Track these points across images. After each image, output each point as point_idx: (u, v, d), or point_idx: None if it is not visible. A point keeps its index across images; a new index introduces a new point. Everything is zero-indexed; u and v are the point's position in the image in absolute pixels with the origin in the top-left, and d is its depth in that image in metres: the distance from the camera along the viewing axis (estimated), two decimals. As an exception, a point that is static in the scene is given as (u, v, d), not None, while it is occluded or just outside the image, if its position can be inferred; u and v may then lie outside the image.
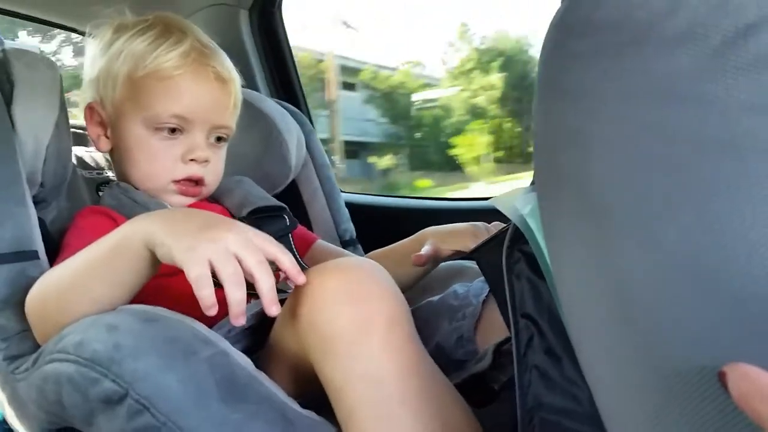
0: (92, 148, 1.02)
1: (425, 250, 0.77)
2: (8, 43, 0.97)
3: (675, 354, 0.29)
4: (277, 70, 1.33)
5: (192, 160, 0.78)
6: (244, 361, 0.53)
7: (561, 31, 0.35)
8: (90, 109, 0.82)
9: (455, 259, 0.83)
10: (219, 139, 0.83)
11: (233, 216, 0.87)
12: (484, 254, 0.58)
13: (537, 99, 0.36)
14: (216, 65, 0.80)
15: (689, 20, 0.29)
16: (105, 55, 0.80)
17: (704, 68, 0.28)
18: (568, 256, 0.36)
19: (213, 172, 0.82)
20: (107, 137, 0.82)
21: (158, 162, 0.78)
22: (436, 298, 0.77)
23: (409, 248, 0.84)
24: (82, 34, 1.41)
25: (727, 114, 0.28)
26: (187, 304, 0.66)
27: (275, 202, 0.91)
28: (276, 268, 0.82)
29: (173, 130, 0.78)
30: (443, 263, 0.87)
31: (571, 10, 0.34)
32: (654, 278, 0.30)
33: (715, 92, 0.28)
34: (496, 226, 0.80)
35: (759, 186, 0.27)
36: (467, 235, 0.80)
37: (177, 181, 0.79)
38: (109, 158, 0.99)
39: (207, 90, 0.79)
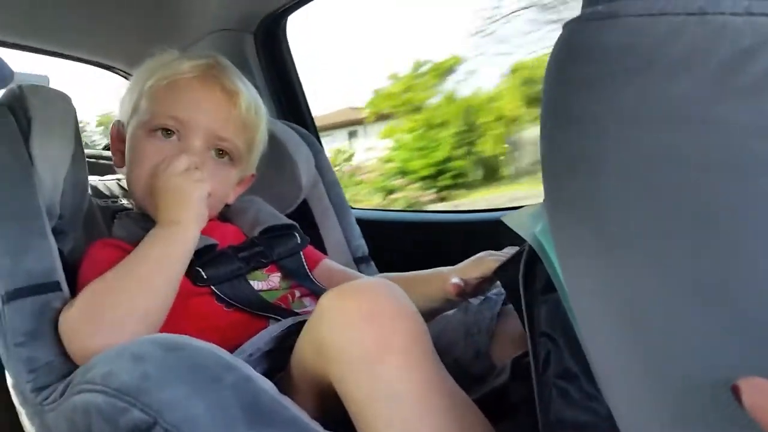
0: (106, 177, 1.04)
1: (455, 280, 0.76)
2: (20, 77, 1.00)
3: (687, 372, 0.30)
4: (284, 92, 1.35)
5: None
6: (267, 384, 0.54)
7: (565, 55, 0.36)
8: (114, 127, 0.85)
9: (483, 293, 0.80)
10: (221, 154, 0.81)
11: (246, 235, 0.88)
12: (507, 274, 0.59)
13: (542, 123, 0.37)
14: (224, 78, 0.80)
15: (690, 45, 0.29)
16: (134, 76, 0.84)
17: (706, 92, 0.29)
18: (579, 277, 0.37)
19: (213, 190, 0.77)
20: (123, 153, 0.83)
21: (147, 163, 0.77)
22: (450, 312, 0.78)
23: (426, 280, 0.83)
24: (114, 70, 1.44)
25: (731, 137, 0.28)
26: (204, 328, 0.67)
27: (286, 220, 0.92)
28: (289, 286, 0.83)
29: (168, 132, 0.78)
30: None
31: (574, 35, 0.35)
32: (663, 299, 0.30)
33: (718, 116, 0.29)
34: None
35: (766, 207, 0.27)
36: (487, 260, 0.79)
37: None
38: (123, 184, 1.01)
39: (210, 97, 0.79)
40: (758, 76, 0.28)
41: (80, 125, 0.85)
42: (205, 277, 0.75)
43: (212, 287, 0.75)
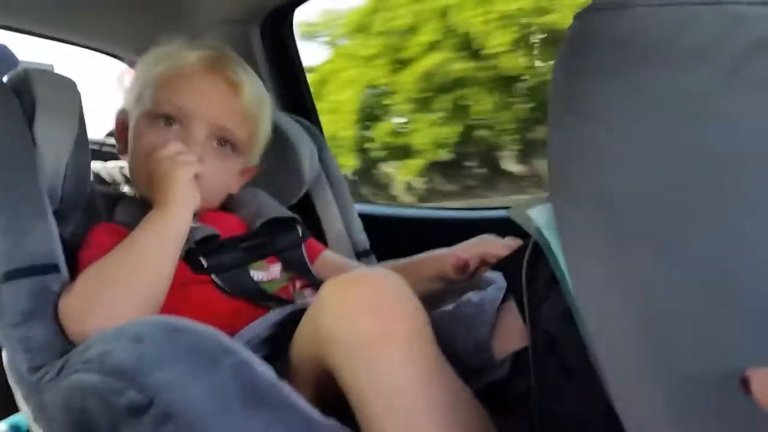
0: (109, 164, 1.04)
1: (459, 254, 0.80)
2: (25, 65, 0.99)
3: (698, 363, 0.30)
4: (289, 84, 1.35)
5: None
6: (266, 369, 0.54)
7: (576, 45, 0.35)
8: (119, 115, 0.86)
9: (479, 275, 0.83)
10: (223, 143, 0.81)
11: (247, 226, 0.88)
12: (509, 266, 0.59)
13: (550, 113, 0.37)
14: (229, 69, 0.80)
15: (702, 38, 0.29)
16: (139, 64, 0.84)
17: (717, 85, 0.29)
18: (587, 270, 0.36)
19: (209, 180, 0.77)
20: (127, 141, 0.83)
21: (146, 149, 0.76)
22: (450, 307, 0.78)
23: (424, 261, 0.85)
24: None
25: (741, 130, 0.28)
26: (204, 314, 0.67)
27: (288, 213, 0.92)
28: (289, 277, 0.83)
29: (169, 120, 0.78)
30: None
31: (585, 25, 0.35)
32: (674, 290, 0.30)
33: (729, 108, 0.28)
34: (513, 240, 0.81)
35: None
36: (488, 241, 0.81)
37: None
38: (126, 172, 1.01)
39: (213, 87, 0.79)
40: None
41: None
42: (205, 265, 0.75)
43: (212, 276, 0.75)
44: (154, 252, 0.68)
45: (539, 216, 0.53)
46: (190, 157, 0.75)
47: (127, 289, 0.65)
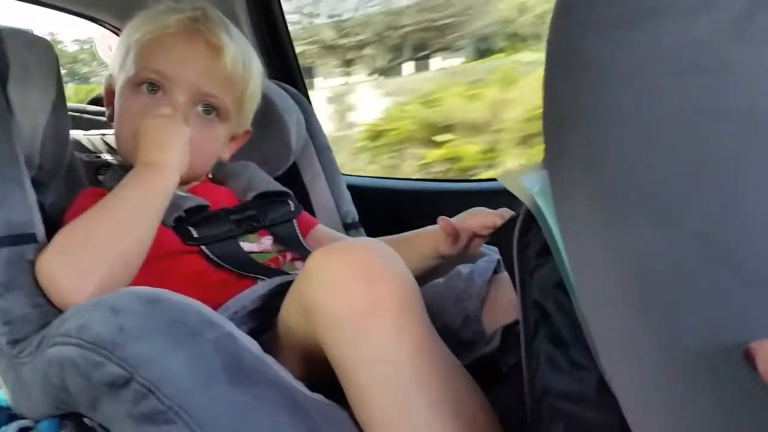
0: (90, 132, 1.01)
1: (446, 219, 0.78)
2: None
3: (697, 335, 0.28)
4: (275, 50, 1.31)
5: None
6: (251, 343, 0.52)
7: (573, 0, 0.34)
8: (107, 81, 0.83)
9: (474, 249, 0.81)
10: (208, 110, 0.79)
11: (239, 199, 0.86)
12: (502, 236, 0.58)
13: (546, 71, 0.35)
14: (209, 32, 0.78)
15: None
16: (125, 29, 0.81)
17: (725, 36, 0.27)
18: (581, 238, 0.35)
19: (193, 147, 0.75)
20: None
21: (130, 116, 0.76)
22: (440, 279, 0.77)
23: (417, 237, 0.84)
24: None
25: (749, 83, 0.27)
26: (191, 285, 0.66)
27: (280, 187, 0.90)
28: (280, 250, 0.82)
29: (153, 88, 0.76)
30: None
31: None
32: (673, 259, 0.29)
33: (737, 61, 0.27)
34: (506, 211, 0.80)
35: None
36: (481, 213, 0.79)
37: None
38: (107, 140, 0.98)
39: (193, 51, 0.77)
40: None
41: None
42: (195, 236, 0.74)
43: (202, 247, 0.74)
44: (135, 212, 0.66)
45: (532, 183, 0.52)
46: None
47: (101, 247, 0.62)
